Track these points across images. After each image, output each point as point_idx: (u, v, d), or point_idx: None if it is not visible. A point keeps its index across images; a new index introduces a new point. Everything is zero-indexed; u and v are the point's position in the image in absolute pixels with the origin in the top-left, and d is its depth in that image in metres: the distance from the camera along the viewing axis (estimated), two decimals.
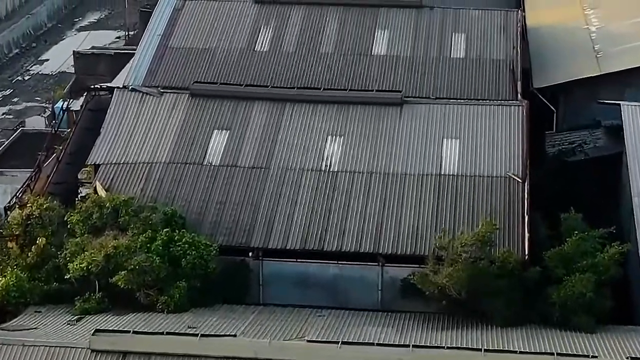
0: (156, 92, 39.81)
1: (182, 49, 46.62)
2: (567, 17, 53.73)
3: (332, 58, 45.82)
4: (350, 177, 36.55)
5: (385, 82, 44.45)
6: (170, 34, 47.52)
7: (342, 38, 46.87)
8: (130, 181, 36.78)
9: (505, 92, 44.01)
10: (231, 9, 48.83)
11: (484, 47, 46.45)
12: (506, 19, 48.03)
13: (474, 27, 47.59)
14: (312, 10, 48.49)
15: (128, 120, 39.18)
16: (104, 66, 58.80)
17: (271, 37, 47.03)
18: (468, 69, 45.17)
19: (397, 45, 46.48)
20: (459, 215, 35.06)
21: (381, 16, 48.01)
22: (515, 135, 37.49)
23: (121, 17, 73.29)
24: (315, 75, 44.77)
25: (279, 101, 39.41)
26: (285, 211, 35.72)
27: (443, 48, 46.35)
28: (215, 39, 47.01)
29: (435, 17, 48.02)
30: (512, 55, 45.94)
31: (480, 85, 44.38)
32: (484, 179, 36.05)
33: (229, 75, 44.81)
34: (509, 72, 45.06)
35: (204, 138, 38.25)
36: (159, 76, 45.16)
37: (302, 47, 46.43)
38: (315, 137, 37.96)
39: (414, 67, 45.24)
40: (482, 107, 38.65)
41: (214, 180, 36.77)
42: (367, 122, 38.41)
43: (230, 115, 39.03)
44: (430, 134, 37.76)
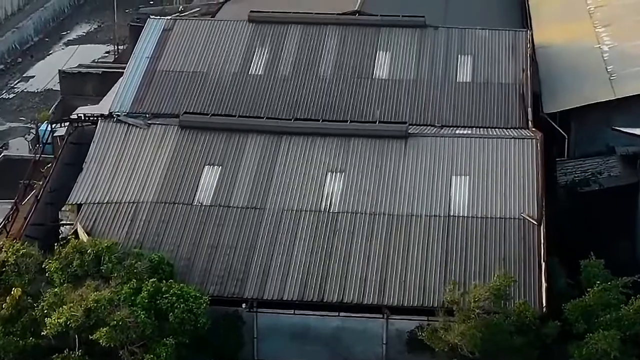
0: (143, 123, 37.09)
1: (171, 72, 43.98)
2: (577, 35, 51.06)
3: (331, 82, 43.19)
4: (352, 218, 33.84)
5: (388, 108, 41.87)
6: (159, 56, 44.86)
7: (341, 60, 44.25)
8: (114, 223, 34.05)
9: (515, 119, 41.44)
10: (224, 29, 46.18)
11: (492, 70, 43.83)
12: (514, 40, 45.39)
13: (481, 49, 44.95)
14: (310, 29, 45.85)
15: (112, 154, 36.43)
16: (91, 86, 56.23)
17: (266, 59, 44.38)
18: (475, 94, 42.58)
19: (399, 68, 43.86)
20: (469, 262, 32.38)
21: (383, 36, 45.36)
22: (529, 171, 34.79)
23: (111, 30, 70.48)
24: (313, 101, 42.16)
25: (274, 134, 36.68)
26: (282, 257, 33.01)
27: (448, 71, 43.74)
28: (207, 62, 44.37)
29: (439, 38, 45.39)
30: (522, 79, 43.32)
31: (488, 111, 41.77)
32: (496, 220, 33.33)
33: (221, 102, 42.23)
34: (519, 98, 42.47)
35: (194, 175, 35.51)
36: (147, 102, 42.56)
37: (299, 70, 43.80)
38: (314, 174, 35.24)
39: (418, 93, 42.64)
40: (493, 140, 35.95)
41: (205, 222, 34.04)
42: (369, 156, 35.70)
43: (222, 150, 36.29)
44: (438, 171, 35.05)
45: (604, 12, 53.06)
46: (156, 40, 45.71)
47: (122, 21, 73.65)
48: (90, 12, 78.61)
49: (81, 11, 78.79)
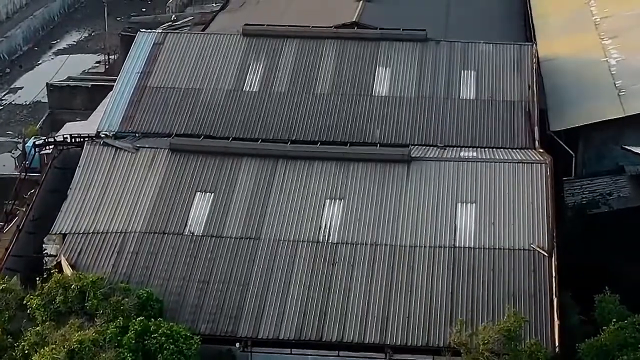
0: (131, 147, 35.20)
1: (162, 89, 42.17)
2: (583, 48, 49.21)
3: (329, 99, 41.37)
4: (352, 250, 31.94)
5: (388, 127, 40.06)
6: (149, 71, 43.02)
7: (339, 76, 42.44)
8: (100, 255, 32.15)
9: (521, 138, 39.67)
10: (218, 43, 44.33)
11: (496, 86, 42.03)
12: (519, 54, 43.60)
13: (485, 64, 43.14)
14: (307, 44, 44.01)
15: (99, 181, 34.51)
16: (80, 100, 54.34)
17: (261, 75, 42.55)
18: (479, 112, 40.78)
19: (400, 84, 42.05)
20: (477, 297, 30.52)
21: (382, 51, 43.54)
22: (538, 199, 32.91)
23: (102, 39, 68.54)
24: (310, 120, 40.34)
25: (269, 158, 34.78)
26: (278, 292, 31.12)
27: (451, 88, 41.93)
28: (200, 78, 42.55)
29: (441, 53, 43.56)
30: (528, 96, 41.54)
31: (493, 131, 39.98)
32: (504, 252, 31.47)
33: (214, 121, 40.40)
34: (525, 116, 40.68)
35: (185, 202, 33.60)
36: (137, 121, 40.76)
37: (296, 87, 41.99)
38: (311, 201, 33.35)
39: (420, 111, 40.83)
40: (500, 165, 34.07)
41: (196, 253, 32.13)
42: (370, 182, 33.81)
43: (214, 175, 34.36)
44: (442, 198, 33.17)
45: (610, 23, 51.22)
46: (146, 55, 43.89)
47: (114, 29, 71.75)
48: (81, 20, 76.67)
49: (72, 19, 76.83)
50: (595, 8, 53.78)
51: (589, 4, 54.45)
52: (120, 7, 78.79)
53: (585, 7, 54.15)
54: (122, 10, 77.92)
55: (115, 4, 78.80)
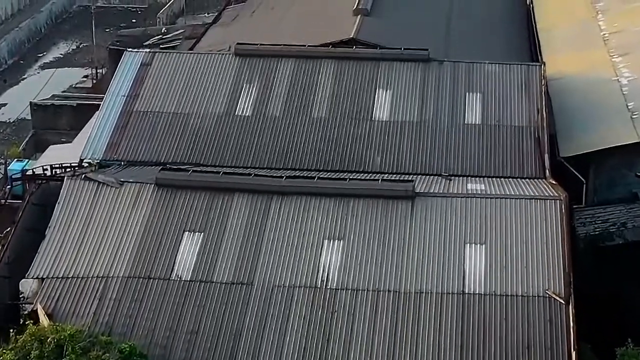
0: (114, 181, 32.75)
1: (150, 113, 39.83)
2: (592, 65, 46.84)
3: (326, 125, 39.03)
4: (352, 296, 29.45)
5: (389, 155, 37.78)
6: (136, 94, 40.67)
7: (337, 99, 40.08)
8: (80, 302, 29.62)
9: (531, 167, 37.41)
10: (208, 64, 41.94)
11: (504, 110, 39.69)
12: (527, 75, 41.25)
13: (491, 86, 40.78)
14: (302, 64, 41.63)
15: (79, 219, 32.02)
16: (65, 119, 52.00)
17: (255, 99, 40.18)
18: (486, 139, 38.46)
19: (401, 108, 39.70)
20: (488, 350, 28.03)
21: (382, 72, 41.17)
22: (553, 240, 30.46)
23: (90, 52, 66.09)
24: (307, 148, 38.04)
25: (263, 193, 32.33)
26: (273, 343, 28.55)
27: (455, 112, 39.59)
28: (189, 101, 40.19)
29: (445, 74, 41.21)
30: (537, 121, 39.21)
31: (500, 159, 37.67)
32: (517, 299, 29.01)
33: (204, 149, 38.11)
34: (534, 142, 38.35)
35: (172, 243, 31.10)
36: (122, 148, 38.46)
37: (291, 111, 39.63)
38: (308, 242, 30.87)
39: (423, 137, 38.51)
40: (511, 201, 31.63)
41: (184, 301, 29.63)
42: (371, 221, 31.35)
43: (204, 213, 31.87)
44: (450, 238, 30.71)
45: (619, 39, 48.88)
46: (133, 76, 41.52)
47: (102, 41, 69.43)
48: (68, 31, 74.19)
49: (59, 30, 74.33)
50: (603, 22, 51.45)
51: (596, 17, 52.15)
52: (110, 17, 76.48)
53: (592, 21, 51.83)
54: (111, 20, 75.58)
55: (104, 14, 76.53)
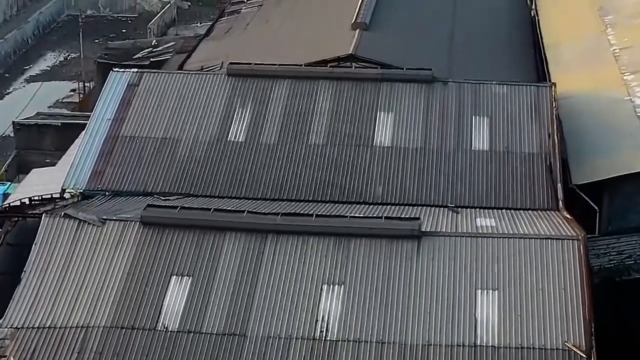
0: (96, 219, 30.31)
1: (137, 138, 37.48)
2: (603, 84, 44.51)
3: (324, 152, 36.70)
4: (354, 349, 26.92)
5: (392, 185, 35.47)
6: (122, 118, 38.30)
7: (336, 123, 37.74)
8: (58, 355, 27.04)
9: (542, 198, 35.09)
10: (199, 85, 39.58)
11: (512, 135, 37.34)
12: (537, 97, 38.91)
13: (499, 109, 38.44)
14: (300, 85, 39.26)
15: (58, 262, 29.53)
16: (50, 140, 49.64)
17: (248, 123, 37.84)
18: (494, 166, 36.11)
19: (404, 133, 37.35)
20: None
21: (384, 93, 38.82)
22: (572, 284, 28.03)
23: (78, 63, 63.64)
24: (303, 177, 35.73)
25: (257, 232, 29.90)
26: None
27: (462, 137, 37.24)
28: (179, 126, 37.84)
29: (450, 95, 38.85)
30: (548, 147, 36.87)
31: (510, 188, 35.33)
32: (533, 352, 26.51)
33: (194, 178, 35.80)
34: (546, 171, 36.03)
35: (159, 289, 28.61)
36: (107, 177, 36.14)
37: (287, 137, 37.30)
38: (306, 288, 28.40)
39: (427, 164, 36.17)
40: (525, 241, 29.21)
41: (171, 354, 27.09)
42: (374, 264, 28.93)
43: (193, 255, 29.39)
44: (459, 283, 28.25)
45: (631, 55, 46.52)
46: (120, 98, 39.16)
47: (91, 53, 67.11)
48: (56, 42, 71.71)
49: (46, 41, 71.86)
50: (613, 37, 49.10)
51: (605, 31, 49.82)
52: (99, 27, 74.16)
53: (602, 36, 49.49)
54: (101, 30, 73.25)
55: (93, 24, 74.25)
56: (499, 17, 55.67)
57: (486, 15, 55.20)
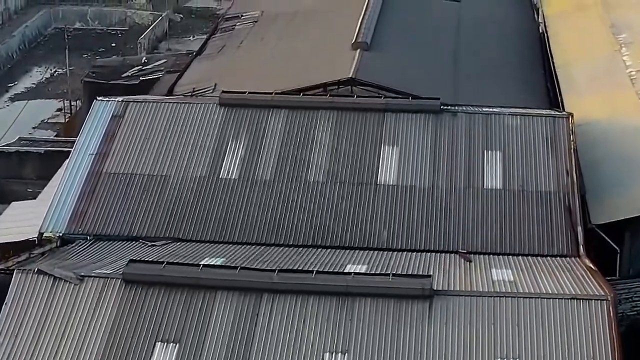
0: (74, 276, 27.43)
1: (121, 175, 34.77)
2: (620, 110, 41.76)
3: (324, 190, 33.97)
4: None
5: (398, 227, 32.82)
6: (106, 153, 35.56)
7: (337, 159, 35.02)
8: None
9: (561, 243, 32.42)
10: (189, 115, 36.83)
11: (528, 172, 34.58)
12: (553, 129, 36.17)
13: (512, 142, 35.69)
14: (297, 116, 36.54)
15: (31, 324, 26.54)
16: (31, 168, 46.73)
17: (242, 158, 35.11)
18: (508, 207, 33.39)
19: (411, 170, 34.61)
20: None
21: (388, 125, 36.06)
22: (601, 352, 25.28)
23: (65, 80, 60.71)
24: (301, 219, 33.13)
25: (252, 292, 27.06)
26: None
27: (473, 174, 34.49)
28: (167, 161, 35.12)
29: (460, 127, 36.09)
30: (566, 184, 34.12)
31: (526, 232, 32.65)
32: None
33: (183, 219, 33.18)
34: (565, 212, 33.27)
35: (141, 357, 25.76)
36: (89, 219, 33.44)
37: (284, 173, 34.59)
38: (306, 356, 25.55)
39: (436, 205, 33.47)
40: (547, 302, 26.38)
41: None
42: (381, 327, 26.03)
43: (180, 317, 26.48)
44: (476, 352, 25.40)
45: None
46: (104, 130, 36.42)
47: (79, 68, 64.28)
48: (42, 57, 68.69)
49: (32, 56, 68.84)
50: (628, 57, 46.33)
51: (620, 51, 47.05)
52: (88, 41, 71.28)
53: (616, 56, 46.71)
54: (89, 44, 70.36)
55: (81, 37, 71.43)
56: (506, 33, 53.00)
57: (492, 31, 52.54)
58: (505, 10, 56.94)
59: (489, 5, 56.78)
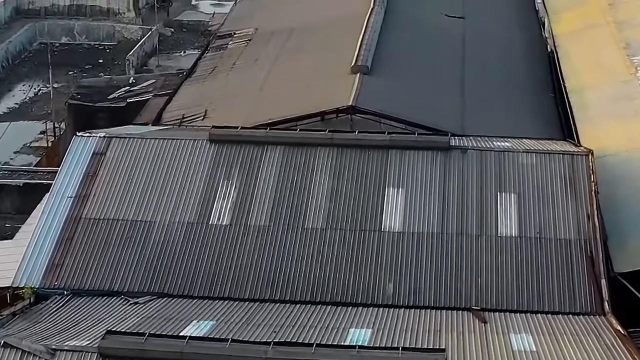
0: (44, 350, 24.44)
1: (102, 221, 31.88)
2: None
3: (323, 237, 31.14)
4: None
5: (404, 281, 29.89)
6: (86, 195, 32.65)
7: (337, 202, 32.11)
8: None
9: (584, 298, 29.61)
10: (177, 153, 33.89)
11: (545, 217, 31.69)
12: (572, 168, 33.22)
13: (528, 183, 32.73)
14: (294, 153, 33.63)
15: None
16: (10, 202, 43.76)
17: (234, 202, 32.23)
18: (525, 258, 30.50)
19: (418, 214, 31.72)
20: None
21: (393, 164, 33.14)
22: None
23: (50, 99, 57.61)
24: (298, 270, 30.30)
25: None
26: None
27: (486, 220, 31.57)
28: (152, 205, 32.21)
29: (470, 166, 33.15)
30: (588, 231, 31.22)
31: (545, 286, 29.81)
32: None
33: (169, 274, 30.27)
34: (587, 262, 30.40)
35: None
36: (66, 271, 30.64)
37: (280, 219, 31.71)
38: None
39: (445, 254, 30.63)
40: None
41: None
42: None
43: None
44: None
45: None
46: (83, 170, 33.47)
47: (65, 87, 61.23)
48: (26, 74, 65.38)
49: (16, 73, 65.52)
50: None
51: (636, 74, 44.20)
52: (74, 56, 68.13)
53: (632, 80, 43.82)
54: (76, 60, 67.22)
55: (68, 53, 68.38)
56: (513, 52, 50.26)
57: (499, 50, 49.77)
58: (511, 25, 54.20)
59: (494, 20, 54.06)
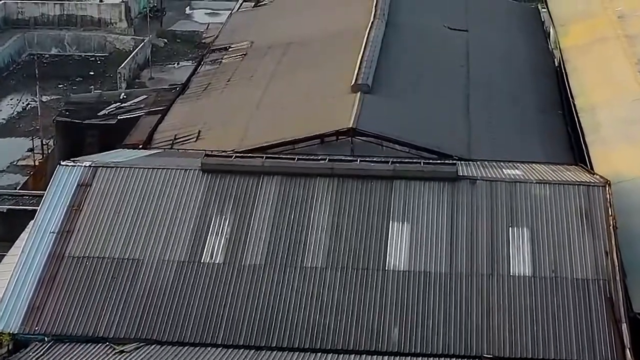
0: None
1: (86, 259, 29.94)
2: None
3: (323, 278, 29.20)
4: None
5: (410, 326, 27.93)
6: (70, 230, 30.63)
7: (338, 239, 30.11)
8: None
9: (604, 345, 27.58)
10: (167, 184, 31.83)
11: (561, 254, 29.68)
12: (588, 200, 31.15)
13: (541, 216, 30.71)
14: (292, 184, 31.64)
15: None
16: None
17: (228, 238, 30.24)
18: (540, 299, 28.51)
19: (425, 252, 29.73)
20: None
21: (398, 196, 31.13)
22: None
23: (36, 117, 55.51)
24: (297, 313, 28.34)
25: None
26: None
27: (497, 257, 29.55)
28: (140, 242, 30.22)
29: (480, 199, 31.11)
30: (606, 269, 29.20)
31: (563, 332, 27.82)
32: None
33: (158, 318, 28.30)
34: (606, 304, 28.38)
35: None
36: (47, 315, 28.67)
37: (277, 258, 29.70)
38: None
39: (454, 296, 28.65)
40: None
41: None
42: None
43: None
44: None
45: None
46: (67, 202, 31.38)
47: (54, 101, 59.17)
48: (14, 87, 63.22)
49: (4, 86, 63.24)
50: None
51: None
52: (64, 68, 66.14)
53: None
54: (66, 72, 65.22)
55: (58, 64, 66.41)
56: (520, 67, 48.42)
57: (505, 66, 47.86)
58: (516, 37, 52.28)
59: (498, 31, 52.15)
